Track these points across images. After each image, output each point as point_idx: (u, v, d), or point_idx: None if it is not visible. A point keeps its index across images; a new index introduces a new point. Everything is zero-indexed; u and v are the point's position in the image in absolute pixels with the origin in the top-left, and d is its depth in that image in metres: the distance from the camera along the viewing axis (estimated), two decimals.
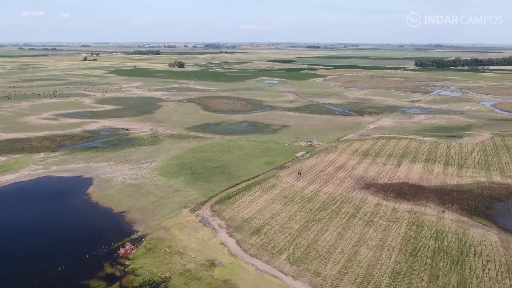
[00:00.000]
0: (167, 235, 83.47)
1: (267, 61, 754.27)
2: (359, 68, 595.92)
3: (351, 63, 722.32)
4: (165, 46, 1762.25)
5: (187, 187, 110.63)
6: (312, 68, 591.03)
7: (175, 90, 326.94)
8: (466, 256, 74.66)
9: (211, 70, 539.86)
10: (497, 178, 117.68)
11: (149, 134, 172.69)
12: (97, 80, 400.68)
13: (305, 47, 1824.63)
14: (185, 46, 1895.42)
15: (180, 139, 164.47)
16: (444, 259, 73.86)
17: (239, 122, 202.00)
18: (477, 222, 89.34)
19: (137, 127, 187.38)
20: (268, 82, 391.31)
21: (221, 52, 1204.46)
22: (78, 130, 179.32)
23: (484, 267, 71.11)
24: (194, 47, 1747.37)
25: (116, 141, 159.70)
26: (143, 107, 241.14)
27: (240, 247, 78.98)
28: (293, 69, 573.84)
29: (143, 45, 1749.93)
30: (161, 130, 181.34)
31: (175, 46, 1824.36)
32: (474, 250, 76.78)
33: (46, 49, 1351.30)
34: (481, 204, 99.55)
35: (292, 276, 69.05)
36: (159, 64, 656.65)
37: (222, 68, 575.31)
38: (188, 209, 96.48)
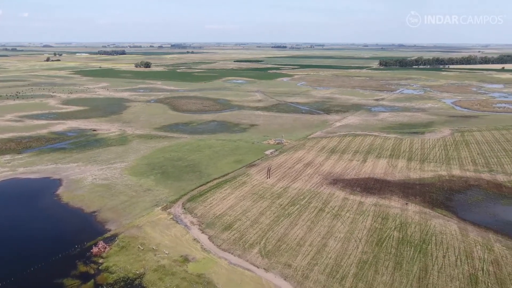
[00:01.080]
0: (139, 233, 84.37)
1: (234, 61, 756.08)
2: (325, 67, 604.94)
3: (317, 62, 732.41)
4: (130, 46, 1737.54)
5: (158, 186, 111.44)
6: (279, 67, 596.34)
7: (142, 90, 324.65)
8: (428, 245, 78.72)
9: (178, 70, 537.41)
10: (456, 172, 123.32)
11: (117, 135, 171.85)
12: (62, 81, 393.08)
13: (272, 47, 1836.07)
14: (151, 46, 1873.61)
15: (149, 139, 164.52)
16: (408, 248, 77.71)
17: (208, 122, 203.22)
18: (438, 213, 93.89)
19: (105, 127, 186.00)
20: (235, 82, 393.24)
21: (188, 52, 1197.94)
22: (44, 131, 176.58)
23: (444, 254, 75.26)
24: (160, 47, 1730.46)
25: (84, 142, 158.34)
26: (111, 108, 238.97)
27: (213, 242, 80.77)
28: (261, 69, 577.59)
29: (108, 45, 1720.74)
30: (129, 130, 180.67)
31: (140, 46, 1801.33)
32: (436, 239, 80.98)
33: (6, 49, 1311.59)
34: (442, 196, 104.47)
35: (264, 269, 71.36)
36: (125, 64, 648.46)
37: (189, 68, 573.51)
38: (160, 207, 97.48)
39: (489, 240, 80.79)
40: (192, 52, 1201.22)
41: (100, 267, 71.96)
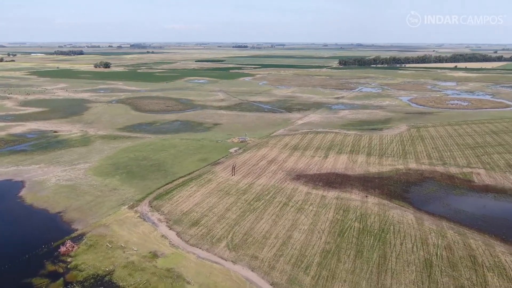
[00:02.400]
0: (107, 232, 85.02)
1: (196, 61, 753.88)
2: (286, 67, 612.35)
3: (279, 62, 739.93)
4: (88, 46, 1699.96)
5: (123, 186, 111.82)
6: (241, 67, 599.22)
7: (103, 91, 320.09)
8: (387, 234, 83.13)
9: (139, 71, 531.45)
10: (413, 165, 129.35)
11: (79, 136, 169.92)
12: (18, 82, 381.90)
13: (233, 47, 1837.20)
14: (109, 46, 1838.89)
15: (113, 139, 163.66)
16: (368, 237, 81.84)
17: (171, 121, 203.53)
18: (396, 204, 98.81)
19: (66, 129, 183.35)
20: (198, 82, 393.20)
21: (148, 52, 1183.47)
22: (2, 133, 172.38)
23: (402, 242, 79.78)
24: (119, 47, 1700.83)
25: (45, 144, 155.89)
26: (71, 109, 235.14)
27: (181, 238, 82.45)
28: (222, 68, 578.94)
29: (65, 45, 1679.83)
30: (92, 131, 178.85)
31: (99, 46, 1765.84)
32: (393, 228, 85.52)
33: None
34: (399, 188, 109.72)
35: (232, 261, 73.71)
36: (83, 64, 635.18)
37: (150, 69, 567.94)
38: (127, 206, 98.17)
39: (443, 227, 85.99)
40: (153, 52, 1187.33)
41: (68, 266, 72.35)
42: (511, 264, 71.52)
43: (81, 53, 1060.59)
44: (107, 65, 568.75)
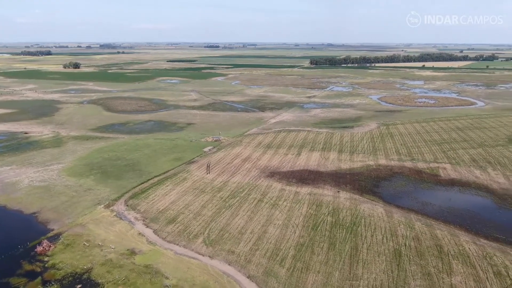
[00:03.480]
0: (84, 231, 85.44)
1: (167, 61, 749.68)
2: (258, 67, 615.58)
3: (251, 62, 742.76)
4: (56, 47, 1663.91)
5: (98, 186, 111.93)
6: (213, 67, 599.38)
7: (73, 91, 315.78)
8: (358, 227, 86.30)
9: (109, 71, 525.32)
10: (382, 161, 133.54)
11: (51, 137, 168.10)
12: None
13: (205, 47, 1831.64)
14: (78, 46, 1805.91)
15: (86, 140, 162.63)
16: (340, 230, 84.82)
17: (145, 122, 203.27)
18: (366, 198, 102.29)
19: (37, 130, 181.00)
20: (170, 82, 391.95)
21: (118, 53, 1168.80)
22: None
23: (372, 234, 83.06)
24: (89, 47, 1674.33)
25: (15, 145, 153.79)
26: (41, 110, 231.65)
27: (158, 235, 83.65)
28: (194, 68, 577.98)
29: (31, 46, 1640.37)
30: (63, 132, 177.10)
31: (67, 47, 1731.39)
32: (365, 221, 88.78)
33: None
34: (370, 183, 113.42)
35: (209, 256, 75.46)
36: (52, 65, 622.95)
37: (121, 69, 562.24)
38: (102, 205, 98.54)
39: (411, 219, 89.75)
40: (123, 52, 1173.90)
41: (46, 265, 72.65)
42: (474, 252, 75.56)
43: (49, 53, 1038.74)
44: (76, 66, 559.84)
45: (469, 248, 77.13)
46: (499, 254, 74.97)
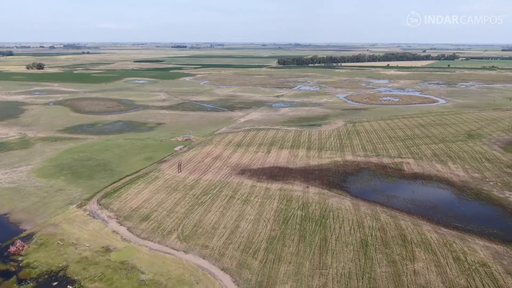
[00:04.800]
0: (57, 230, 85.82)
1: (134, 61, 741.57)
2: (227, 66, 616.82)
3: (219, 62, 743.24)
4: (17, 47, 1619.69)
5: (69, 186, 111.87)
6: (181, 67, 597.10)
7: (38, 93, 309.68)
8: (327, 219, 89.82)
9: (75, 72, 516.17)
10: (349, 157, 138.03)
11: (17, 138, 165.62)
12: None
13: (172, 47, 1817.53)
14: (41, 46, 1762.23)
15: (54, 141, 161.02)
16: (310, 223, 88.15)
17: (114, 122, 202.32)
18: (334, 193, 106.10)
19: (3, 132, 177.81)
20: (138, 82, 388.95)
21: (83, 53, 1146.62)
22: None
23: (340, 225, 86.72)
24: (52, 47, 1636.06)
25: None
26: (6, 112, 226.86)
27: (132, 232, 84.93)
28: (162, 68, 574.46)
29: None
30: (30, 133, 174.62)
31: (29, 47, 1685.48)
32: (333, 214, 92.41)
33: None
34: (338, 178, 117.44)
35: (183, 251, 77.41)
36: (14, 66, 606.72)
37: (87, 69, 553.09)
38: (75, 205, 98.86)
39: (377, 212, 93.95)
40: (88, 53, 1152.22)
41: (20, 264, 72.99)
42: (435, 240, 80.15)
43: (10, 53, 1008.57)
44: (40, 66, 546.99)
45: (431, 237, 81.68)
46: (458, 241, 79.78)
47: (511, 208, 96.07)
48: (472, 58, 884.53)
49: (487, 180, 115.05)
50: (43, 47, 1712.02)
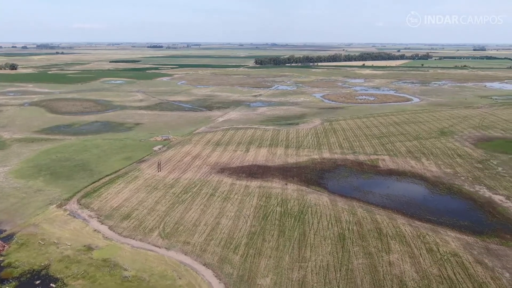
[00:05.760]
0: (38, 230, 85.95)
1: (110, 62, 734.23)
2: (204, 66, 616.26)
3: (196, 62, 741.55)
4: None
5: (48, 186, 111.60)
6: (158, 67, 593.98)
7: (12, 93, 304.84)
8: (305, 215, 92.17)
9: (49, 72, 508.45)
10: (326, 155, 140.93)
11: None
12: None
13: (148, 47, 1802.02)
14: (13, 46, 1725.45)
15: (31, 142, 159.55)
16: (289, 219, 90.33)
17: (91, 123, 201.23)
18: (312, 189, 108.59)
19: None
20: (114, 83, 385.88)
21: (57, 53, 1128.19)
22: None
23: (318, 220, 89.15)
24: (24, 47, 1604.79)
25: None
26: None
27: (114, 231, 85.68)
28: (139, 69, 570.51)
29: None
30: (6, 135, 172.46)
31: (1, 47, 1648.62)
32: (311, 210, 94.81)
33: None
34: (315, 175, 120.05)
35: (165, 248, 78.63)
36: None
37: (62, 70, 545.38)
38: (55, 205, 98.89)
39: (353, 207, 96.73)
40: (62, 53, 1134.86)
41: (2, 264, 73.01)
42: (409, 233, 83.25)
43: None
44: (13, 67, 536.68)
45: (405, 230, 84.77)
46: (431, 233, 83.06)
47: (481, 202, 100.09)
48: (445, 57, 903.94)
49: (458, 175, 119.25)
50: (15, 47, 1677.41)
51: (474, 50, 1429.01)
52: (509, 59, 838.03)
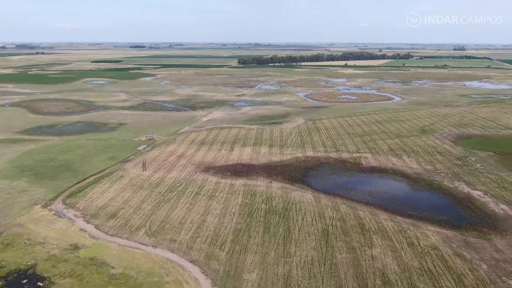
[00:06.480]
0: (23, 230, 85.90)
1: (92, 62, 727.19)
2: (187, 66, 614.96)
3: (179, 62, 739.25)
4: None
5: (33, 187, 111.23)
6: (141, 67, 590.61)
7: None
8: (290, 212, 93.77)
9: (30, 72, 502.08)
10: (310, 153, 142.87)
11: None
12: None
13: (130, 47, 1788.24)
14: None
15: (13, 143, 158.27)
16: (274, 216, 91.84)
17: (74, 123, 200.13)
18: (297, 187, 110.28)
19: None
20: (97, 83, 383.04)
21: (38, 53, 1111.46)
22: None
23: (303, 217, 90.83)
24: (3, 47, 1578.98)
25: None
26: None
27: (100, 230, 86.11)
28: (121, 69, 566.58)
29: None
30: None
31: None
32: (295, 207, 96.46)
33: None
34: (299, 173, 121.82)
35: (152, 246, 79.41)
36: None
37: (43, 70, 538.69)
38: (40, 205, 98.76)
39: (337, 203, 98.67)
40: (43, 53, 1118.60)
41: None
42: (391, 228, 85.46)
43: None
44: None
45: (387, 225, 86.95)
46: (412, 228, 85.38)
47: (460, 197, 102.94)
48: (425, 57, 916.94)
49: (438, 171, 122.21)
50: None
51: (454, 49, 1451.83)
52: (488, 58, 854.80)
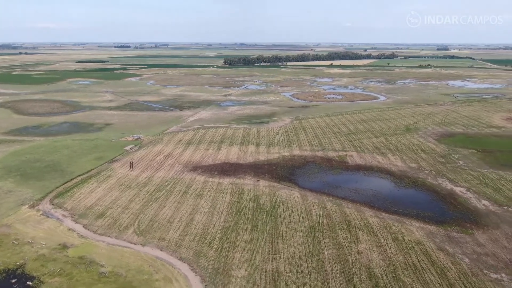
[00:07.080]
0: (10, 231, 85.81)
1: (76, 62, 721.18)
2: (173, 66, 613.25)
3: (164, 62, 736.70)
4: None
5: (19, 187, 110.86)
6: (126, 67, 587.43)
7: None
8: (277, 209, 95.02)
9: (13, 73, 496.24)
10: (296, 152, 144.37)
11: None
12: None
13: (115, 47, 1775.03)
14: None
15: None
16: (261, 213, 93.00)
17: (60, 123, 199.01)
18: (284, 185, 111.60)
19: None
20: (82, 83, 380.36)
21: (21, 53, 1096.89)
22: None
23: (290, 215, 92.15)
24: None
25: None
26: None
27: (88, 229, 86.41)
28: (106, 69, 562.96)
29: None
30: None
31: None
32: (283, 205, 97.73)
33: None
34: (286, 172, 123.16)
35: (141, 244, 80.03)
36: None
37: (27, 70, 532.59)
38: (27, 206, 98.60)
39: (323, 201, 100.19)
40: (26, 53, 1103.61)
41: None
42: (376, 224, 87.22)
43: None
44: None
45: (373, 221, 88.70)
46: (396, 224, 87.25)
47: (443, 193, 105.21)
48: (410, 57, 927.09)
49: (422, 169, 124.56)
50: None
51: (438, 49, 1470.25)
52: (471, 58, 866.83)
